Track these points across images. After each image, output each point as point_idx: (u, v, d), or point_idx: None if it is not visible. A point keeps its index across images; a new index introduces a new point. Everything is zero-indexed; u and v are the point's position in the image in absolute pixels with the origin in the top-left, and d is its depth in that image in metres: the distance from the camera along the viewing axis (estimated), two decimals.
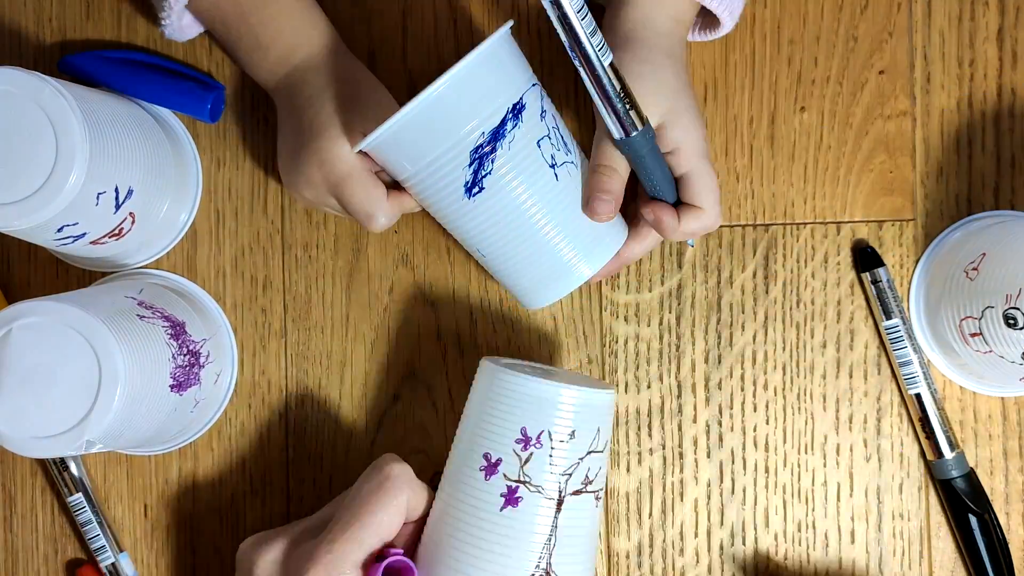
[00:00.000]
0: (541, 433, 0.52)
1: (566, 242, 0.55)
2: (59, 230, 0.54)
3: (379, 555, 0.53)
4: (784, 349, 0.63)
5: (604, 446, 0.53)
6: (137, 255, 0.63)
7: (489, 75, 0.51)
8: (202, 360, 0.59)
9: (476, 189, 0.52)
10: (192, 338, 0.58)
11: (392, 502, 0.53)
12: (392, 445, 0.63)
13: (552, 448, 0.52)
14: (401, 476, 0.54)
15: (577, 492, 0.52)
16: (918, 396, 0.61)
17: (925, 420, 0.61)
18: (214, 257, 0.64)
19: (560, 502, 0.52)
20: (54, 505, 0.64)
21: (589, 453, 0.52)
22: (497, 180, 0.52)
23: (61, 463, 0.62)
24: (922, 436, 0.61)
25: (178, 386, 0.56)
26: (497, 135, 0.51)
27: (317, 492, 0.63)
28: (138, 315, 0.54)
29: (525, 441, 0.52)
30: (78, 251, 0.59)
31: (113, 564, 0.62)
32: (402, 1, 0.64)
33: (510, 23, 0.53)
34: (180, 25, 0.60)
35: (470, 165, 0.52)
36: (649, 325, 0.63)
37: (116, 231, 0.58)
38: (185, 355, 0.57)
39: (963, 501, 0.60)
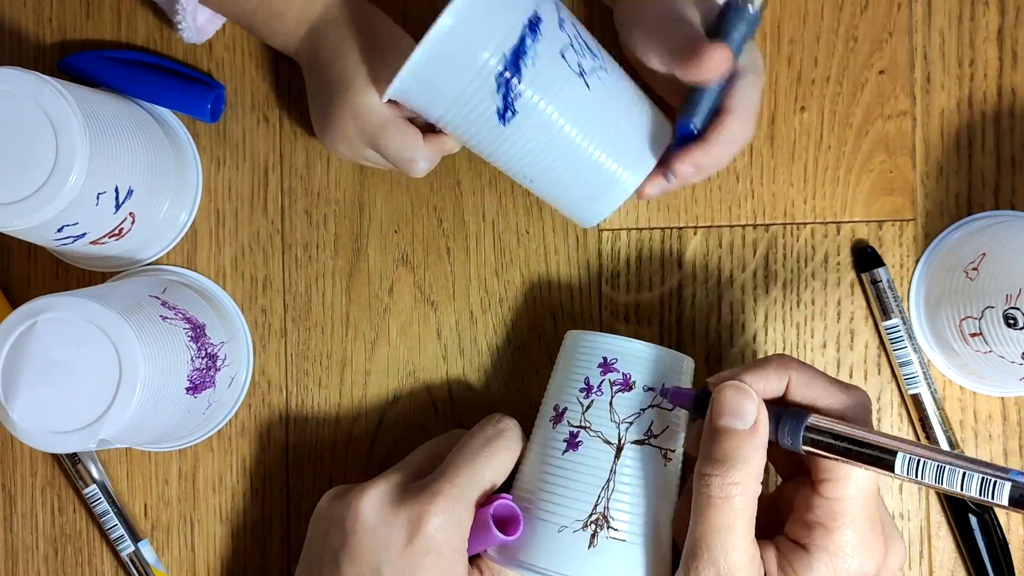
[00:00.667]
0: (602, 382, 0.55)
1: (609, 152, 0.53)
2: (59, 230, 0.54)
3: (483, 502, 0.55)
4: (784, 349, 0.63)
5: (673, 406, 0.55)
6: (137, 255, 0.63)
7: (489, 3, 0.49)
8: (219, 363, 0.59)
9: (509, 113, 0.51)
10: (211, 341, 0.58)
11: (510, 446, 0.56)
12: (392, 445, 0.63)
13: (612, 396, 0.54)
14: (516, 429, 0.57)
15: (639, 442, 0.54)
16: (918, 396, 0.61)
17: (925, 420, 0.61)
18: (214, 257, 0.64)
19: (620, 448, 0.54)
20: (54, 505, 0.64)
21: (652, 406, 0.54)
22: (528, 100, 0.51)
23: (73, 456, 0.62)
24: (922, 436, 0.61)
25: (193, 388, 0.56)
26: (518, 54, 0.50)
27: (317, 492, 0.63)
28: (161, 315, 0.54)
29: (588, 389, 0.55)
30: (78, 251, 0.59)
31: (133, 553, 0.62)
32: (403, 3, 0.64)
33: None
34: (197, 26, 0.60)
35: (498, 91, 0.50)
36: (649, 325, 0.63)
37: (116, 231, 0.58)
38: (203, 358, 0.57)
39: (963, 501, 0.60)
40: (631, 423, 0.54)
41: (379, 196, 0.64)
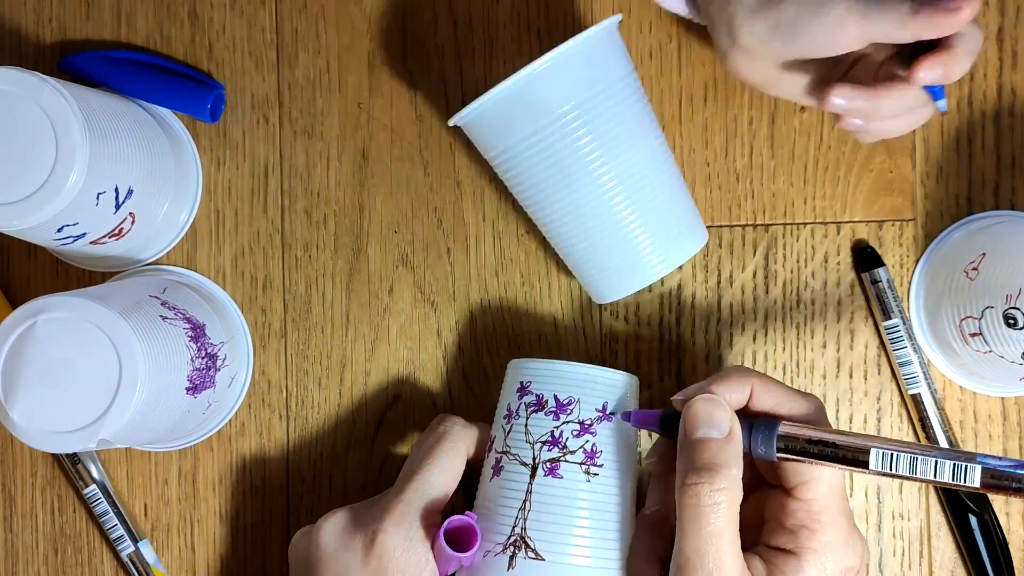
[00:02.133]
0: (519, 406, 0.55)
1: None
2: (59, 230, 0.54)
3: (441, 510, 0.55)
4: (784, 349, 0.63)
5: (594, 420, 0.54)
6: (137, 255, 0.63)
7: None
8: (219, 363, 0.59)
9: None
10: (211, 341, 0.58)
11: (453, 447, 0.56)
12: (392, 445, 0.63)
13: (527, 418, 0.55)
14: (458, 428, 0.57)
15: (555, 460, 0.54)
16: (918, 396, 0.61)
17: (925, 420, 0.61)
18: (214, 257, 0.64)
19: (534, 468, 0.54)
20: (54, 505, 0.64)
21: (566, 423, 0.54)
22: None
23: (73, 456, 0.62)
24: (922, 436, 0.61)
25: (193, 388, 0.56)
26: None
27: (317, 492, 0.63)
28: (161, 315, 0.54)
29: (509, 415, 0.55)
30: (78, 251, 0.59)
31: (133, 553, 0.62)
32: (402, 3, 0.64)
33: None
34: None
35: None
36: (649, 325, 0.63)
37: (116, 231, 0.58)
38: (203, 358, 0.57)
39: (963, 501, 0.60)
40: (544, 442, 0.54)
41: (379, 196, 0.64)
